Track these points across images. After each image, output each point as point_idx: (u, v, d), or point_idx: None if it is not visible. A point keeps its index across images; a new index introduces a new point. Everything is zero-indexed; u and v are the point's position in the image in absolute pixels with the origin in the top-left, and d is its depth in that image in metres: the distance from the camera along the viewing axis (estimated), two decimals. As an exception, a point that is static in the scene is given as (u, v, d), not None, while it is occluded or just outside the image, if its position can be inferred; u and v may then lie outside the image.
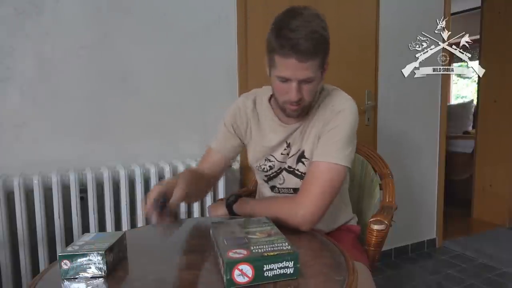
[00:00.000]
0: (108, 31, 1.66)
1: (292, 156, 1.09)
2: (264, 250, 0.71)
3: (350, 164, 1.01)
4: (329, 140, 1.00)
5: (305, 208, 0.94)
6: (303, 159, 1.08)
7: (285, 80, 0.94)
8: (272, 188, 1.17)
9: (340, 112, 1.02)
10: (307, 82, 0.94)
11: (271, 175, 1.15)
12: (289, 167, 1.11)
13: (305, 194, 0.97)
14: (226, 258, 0.68)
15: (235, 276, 0.67)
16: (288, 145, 1.10)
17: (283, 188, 1.14)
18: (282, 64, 0.92)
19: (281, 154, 1.11)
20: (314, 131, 1.06)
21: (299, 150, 1.08)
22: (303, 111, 1.03)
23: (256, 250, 0.71)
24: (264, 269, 0.68)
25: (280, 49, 0.90)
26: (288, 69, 0.92)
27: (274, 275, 0.69)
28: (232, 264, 0.67)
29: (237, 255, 0.69)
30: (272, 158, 1.12)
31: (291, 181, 1.11)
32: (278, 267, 0.69)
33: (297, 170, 1.09)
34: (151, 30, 1.74)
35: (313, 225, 0.97)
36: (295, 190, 1.10)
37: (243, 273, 0.67)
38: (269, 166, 1.13)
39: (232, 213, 1.08)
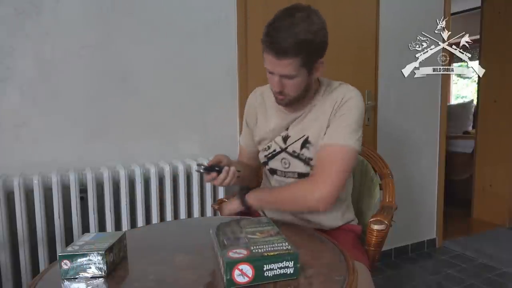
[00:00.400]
0: (108, 31, 1.66)
1: (295, 141, 1.14)
2: (264, 250, 0.71)
3: (360, 148, 1.07)
4: (340, 125, 1.06)
5: (323, 188, 1.00)
6: (307, 145, 1.12)
7: (270, 72, 1.04)
8: (273, 171, 1.21)
9: (348, 100, 1.08)
10: (288, 78, 1.02)
11: (269, 155, 1.20)
12: (294, 151, 1.15)
13: (321, 175, 1.02)
14: (226, 258, 0.68)
15: (235, 276, 0.67)
16: (286, 129, 1.17)
17: (289, 172, 1.17)
18: (266, 58, 1.02)
19: (279, 135, 1.17)
20: (321, 119, 1.10)
21: (303, 136, 1.13)
22: (291, 102, 1.09)
23: (256, 250, 0.71)
24: (264, 269, 0.68)
25: (264, 45, 1.00)
26: (269, 63, 1.02)
27: (274, 275, 0.69)
28: (232, 264, 0.67)
29: (237, 255, 0.69)
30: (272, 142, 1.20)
31: (297, 166, 1.15)
32: (278, 267, 0.69)
33: (302, 154, 1.14)
34: (151, 30, 1.74)
35: (330, 205, 1.01)
36: (300, 175, 1.15)
37: (243, 273, 0.67)
38: (268, 146, 1.20)
39: (245, 205, 1.11)
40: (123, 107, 1.71)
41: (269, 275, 0.69)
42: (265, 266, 0.68)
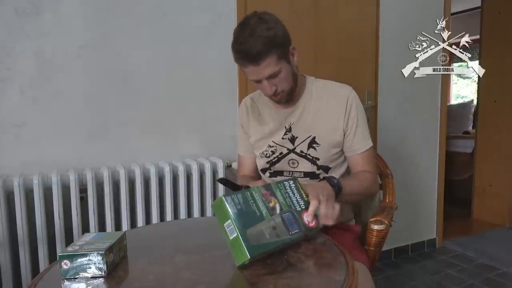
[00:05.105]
0: (108, 31, 1.66)
1: (303, 141, 1.17)
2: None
3: None
4: (358, 132, 1.17)
5: (376, 179, 1.22)
6: (314, 145, 1.17)
7: (256, 81, 1.09)
8: (277, 173, 1.22)
9: (348, 100, 1.16)
10: (275, 76, 1.07)
11: (273, 160, 1.21)
12: (301, 151, 1.18)
13: (371, 172, 1.18)
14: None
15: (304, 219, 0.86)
16: (289, 130, 1.19)
17: (296, 172, 1.20)
18: (248, 72, 1.08)
19: (282, 138, 1.19)
20: (328, 120, 1.16)
21: (309, 136, 1.16)
22: (289, 95, 1.14)
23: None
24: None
25: (239, 62, 1.07)
26: (251, 74, 1.08)
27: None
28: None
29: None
30: (272, 144, 1.21)
31: (304, 165, 1.18)
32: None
33: (309, 154, 1.17)
34: (151, 30, 1.74)
35: None
36: (306, 174, 1.19)
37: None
38: (272, 151, 1.21)
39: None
40: (123, 107, 1.71)
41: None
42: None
